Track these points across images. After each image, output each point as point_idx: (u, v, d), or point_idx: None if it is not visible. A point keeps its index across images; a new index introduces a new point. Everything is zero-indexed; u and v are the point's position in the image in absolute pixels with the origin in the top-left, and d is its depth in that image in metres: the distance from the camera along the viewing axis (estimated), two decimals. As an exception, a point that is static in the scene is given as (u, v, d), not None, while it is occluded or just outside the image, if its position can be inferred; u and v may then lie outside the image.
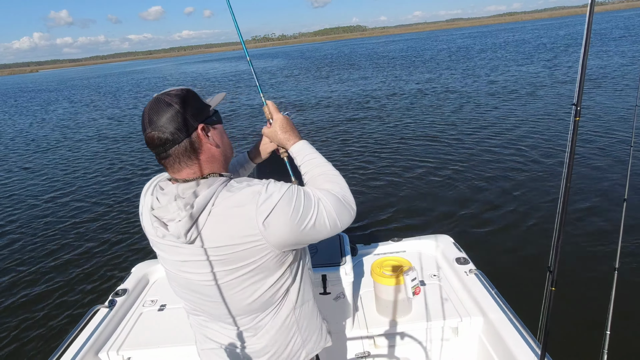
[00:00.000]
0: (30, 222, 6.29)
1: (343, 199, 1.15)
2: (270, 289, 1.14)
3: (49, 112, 19.89)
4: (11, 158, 10.77)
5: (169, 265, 1.18)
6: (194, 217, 1.02)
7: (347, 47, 74.34)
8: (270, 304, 1.17)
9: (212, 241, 1.04)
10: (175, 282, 1.21)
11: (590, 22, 1.16)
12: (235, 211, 1.02)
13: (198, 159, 1.09)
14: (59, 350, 1.95)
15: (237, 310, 1.16)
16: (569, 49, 24.95)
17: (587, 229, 4.59)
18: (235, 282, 1.10)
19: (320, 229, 1.08)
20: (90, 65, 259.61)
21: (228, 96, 18.77)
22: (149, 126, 1.06)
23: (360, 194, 6.15)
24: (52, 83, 43.91)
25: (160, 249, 1.16)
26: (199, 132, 1.08)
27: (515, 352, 1.83)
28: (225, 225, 1.02)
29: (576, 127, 1.27)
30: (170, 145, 1.06)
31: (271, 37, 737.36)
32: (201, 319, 1.26)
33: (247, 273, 1.08)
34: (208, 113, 1.13)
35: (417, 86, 16.51)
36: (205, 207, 1.02)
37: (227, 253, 1.04)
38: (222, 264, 1.07)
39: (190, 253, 1.08)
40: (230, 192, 1.04)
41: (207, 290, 1.13)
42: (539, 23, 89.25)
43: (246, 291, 1.12)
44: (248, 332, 1.21)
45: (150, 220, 1.11)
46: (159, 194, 1.11)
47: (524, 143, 7.78)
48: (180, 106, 1.06)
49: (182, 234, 1.03)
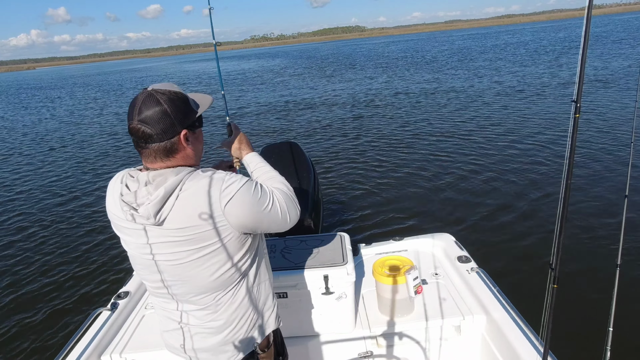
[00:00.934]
0: (31, 224, 6.30)
1: (292, 197, 1.31)
2: (231, 269, 1.25)
3: (54, 108, 19.90)
4: (15, 157, 10.77)
5: (133, 249, 1.27)
6: (163, 201, 1.12)
7: (347, 47, 74.35)
8: (231, 282, 1.27)
9: (179, 222, 1.14)
10: (140, 265, 1.30)
11: (588, 19, 1.16)
12: (200, 195, 1.14)
13: (174, 157, 1.19)
14: (61, 353, 1.95)
15: (200, 289, 1.25)
16: (571, 50, 24.88)
17: (589, 226, 4.58)
18: (199, 261, 1.19)
19: (274, 217, 1.24)
20: (88, 63, 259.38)
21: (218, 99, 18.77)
22: (137, 117, 1.14)
23: (360, 194, 6.15)
24: (52, 80, 44.00)
25: (126, 233, 1.25)
26: (181, 137, 1.18)
27: (518, 350, 1.83)
28: (191, 208, 1.13)
29: (576, 124, 1.27)
30: (152, 142, 1.15)
31: (270, 36, 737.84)
32: (162, 300, 1.34)
33: (211, 253, 1.19)
34: (193, 118, 1.23)
35: (417, 86, 16.52)
36: (174, 191, 1.13)
37: (192, 233, 1.15)
38: (188, 244, 1.16)
39: (158, 235, 1.17)
40: (196, 179, 1.16)
41: (172, 269, 1.22)
42: (537, 25, 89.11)
43: (209, 269, 1.21)
44: (208, 310, 1.29)
45: (120, 206, 1.19)
46: (129, 181, 1.20)
47: (525, 142, 7.78)
48: (170, 109, 1.15)
49: (152, 215, 1.12)
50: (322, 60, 39.73)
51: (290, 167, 3.00)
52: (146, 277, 1.31)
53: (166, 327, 1.40)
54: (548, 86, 13.24)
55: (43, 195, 7.62)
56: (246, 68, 39.91)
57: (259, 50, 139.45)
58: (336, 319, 2.16)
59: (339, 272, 2.03)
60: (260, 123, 12.13)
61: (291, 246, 2.25)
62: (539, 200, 5.33)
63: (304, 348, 2.15)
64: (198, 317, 1.31)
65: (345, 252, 2.14)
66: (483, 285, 2.26)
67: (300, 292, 2.08)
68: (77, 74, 68.43)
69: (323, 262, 2.08)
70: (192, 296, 1.27)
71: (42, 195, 7.66)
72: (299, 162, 3.09)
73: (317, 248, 2.20)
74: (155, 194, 1.12)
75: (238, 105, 16.06)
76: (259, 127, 11.63)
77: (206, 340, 1.34)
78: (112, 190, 1.25)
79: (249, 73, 32.59)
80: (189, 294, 1.27)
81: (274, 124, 11.83)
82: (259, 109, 14.69)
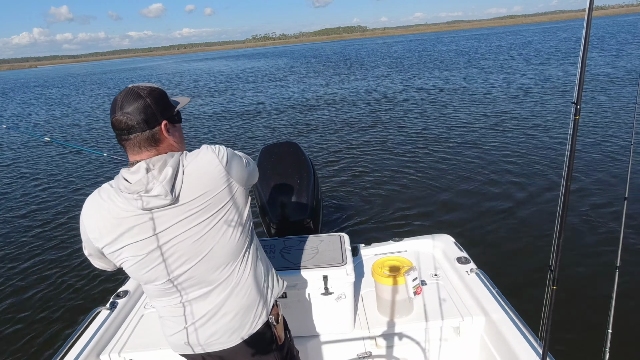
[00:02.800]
0: (30, 223, 6.30)
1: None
2: (243, 229, 1.34)
3: (72, 104, 19.93)
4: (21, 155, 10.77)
5: (133, 255, 1.26)
6: (173, 178, 1.19)
7: (350, 47, 74.29)
8: (242, 246, 1.34)
9: (194, 193, 1.22)
10: (144, 270, 1.28)
11: (589, 21, 1.16)
12: (203, 164, 1.25)
13: (159, 146, 1.25)
14: (60, 352, 1.95)
15: (219, 259, 1.30)
16: (577, 51, 24.87)
17: (588, 227, 4.58)
18: (217, 228, 1.27)
19: (254, 172, 1.43)
20: (89, 62, 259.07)
21: (216, 98, 18.77)
22: (119, 110, 1.20)
23: (360, 194, 6.15)
24: (57, 78, 43.98)
25: (122, 241, 1.24)
26: (162, 127, 1.24)
27: (517, 351, 1.83)
28: (200, 177, 1.23)
29: (576, 125, 1.27)
30: (133, 132, 1.21)
31: (272, 36, 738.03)
32: (167, 299, 1.35)
33: (225, 215, 1.27)
34: (172, 112, 1.30)
35: (418, 88, 16.52)
36: (178, 168, 1.21)
37: (208, 199, 1.24)
38: (205, 212, 1.24)
39: (172, 216, 1.22)
40: (191, 155, 1.27)
41: (188, 250, 1.25)
42: (541, 26, 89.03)
43: (227, 234, 1.29)
44: (222, 286, 1.33)
45: (128, 201, 1.21)
46: (128, 175, 1.21)
47: (524, 143, 7.78)
48: (151, 100, 1.22)
49: (169, 191, 1.18)
50: (324, 60, 39.74)
51: (290, 167, 3.00)
52: (152, 277, 1.30)
53: (172, 329, 1.40)
54: (549, 87, 13.23)
55: (43, 194, 7.62)
56: (246, 68, 39.91)
57: (260, 49, 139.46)
58: (335, 320, 2.16)
59: (339, 273, 2.03)
60: (260, 123, 12.13)
61: (290, 246, 2.26)
62: (539, 202, 5.33)
63: (302, 348, 2.15)
64: (209, 300, 1.33)
65: (344, 252, 2.14)
66: (482, 286, 2.26)
67: (299, 292, 2.08)
68: (82, 72, 68.41)
69: (322, 262, 2.08)
70: (207, 275, 1.30)
71: (42, 193, 7.66)
72: (299, 162, 3.09)
73: (316, 248, 2.20)
74: (164, 174, 1.18)
75: (238, 105, 16.07)
76: (259, 126, 11.63)
77: (222, 319, 1.35)
78: (97, 206, 1.25)
79: (249, 73, 32.59)
80: (208, 270, 1.29)
81: (274, 123, 11.83)
82: (259, 108, 14.69)
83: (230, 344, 1.38)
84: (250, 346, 1.41)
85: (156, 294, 1.35)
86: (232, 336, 1.37)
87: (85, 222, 1.29)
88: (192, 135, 11.39)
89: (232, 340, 1.38)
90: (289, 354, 1.57)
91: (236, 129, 11.61)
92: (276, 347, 1.47)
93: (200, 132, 11.74)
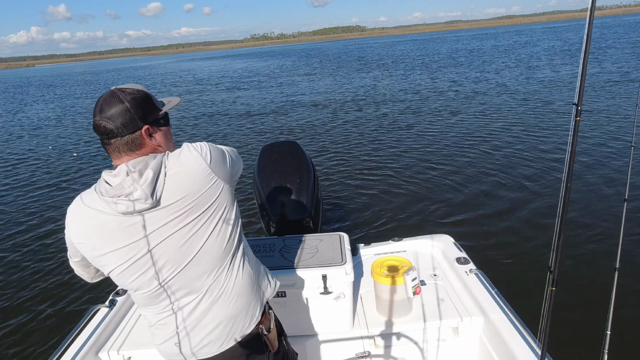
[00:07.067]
0: (30, 220, 6.29)
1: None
2: (232, 228, 1.30)
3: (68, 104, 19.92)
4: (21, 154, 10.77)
5: (120, 261, 1.22)
6: (154, 181, 1.16)
7: (349, 47, 74.31)
8: (232, 246, 1.31)
9: (177, 195, 1.18)
10: (132, 276, 1.25)
11: (591, 22, 1.16)
12: (187, 164, 1.21)
13: (139, 151, 1.22)
14: (59, 349, 1.95)
15: (209, 262, 1.26)
16: (579, 52, 24.88)
17: (588, 229, 4.58)
18: (205, 227, 1.23)
19: (239, 163, 1.38)
20: (87, 61, 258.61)
21: (211, 97, 18.75)
22: (99, 114, 1.19)
23: (360, 194, 6.15)
24: (56, 77, 43.85)
25: (109, 246, 1.21)
26: (142, 132, 1.21)
27: (515, 352, 1.84)
28: (183, 178, 1.19)
29: (577, 127, 1.27)
30: (113, 136, 1.19)
31: (270, 35, 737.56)
32: (156, 306, 1.31)
33: (213, 214, 1.24)
34: (156, 116, 1.26)
35: (418, 88, 16.52)
36: (160, 170, 1.17)
37: (193, 199, 1.20)
38: (192, 213, 1.20)
39: (158, 218, 1.18)
40: (174, 155, 1.23)
41: (178, 253, 1.22)
42: (539, 26, 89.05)
43: (215, 232, 1.25)
44: (213, 290, 1.30)
45: (108, 204, 1.17)
46: (109, 178, 1.19)
47: (524, 144, 7.77)
48: (131, 105, 1.19)
49: (149, 195, 1.14)
50: (323, 60, 39.73)
51: (290, 167, 3.00)
52: (140, 284, 1.26)
53: (161, 337, 1.38)
54: (549, 88, 13.24)
55: (42, 192, 7.61)
56: (245, 67, 39.90)
57: (259, 49, 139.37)
58: (334, 319, 2.15)
59: (338, 272, 2.03)
60: (260, 122, 12.12)
61: (290, 245, 2.25)
62: (539, 203, 5.33)
63: (301, 348, 2.15)
64: (199, 306, 1.30)
65: (344, 252, 2.14)
66: (481, 286, 2.26)
67: (298, 291, 2.08)
68: (80, 71, 68.29)
69: (322, 261, 2.08)
70: (194, 281, 1.26)
71: (41, 191, 7.65)
72: (299, 161, 3.09)
73: (316, 247, 2.20)
74: (144, 177, 1.15)
75: (238, 104, 16.06)
76: (259, 126, 11.62)
77: (208, 327, 1.32)
78: (79, 211, 1.24)
79: (248, 72, 32.59)
80: (197, 275, 1.26)
81: (274, 123, 11.82)
82: (259, 108, 14.68)
83: (220, 351, 1.36)
84: (240, 356, 1.38)
85: (144, 301, 1.32)
86: (222, 345, 1.35)
87: (69, 228, 1.26)
88: (192, 135, 11.39)
89: (222, 348, 1.36)
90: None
91: (236, 129, 11.60)
92: (269, 356, 1.44)
93: (200, 132, 11.73)
